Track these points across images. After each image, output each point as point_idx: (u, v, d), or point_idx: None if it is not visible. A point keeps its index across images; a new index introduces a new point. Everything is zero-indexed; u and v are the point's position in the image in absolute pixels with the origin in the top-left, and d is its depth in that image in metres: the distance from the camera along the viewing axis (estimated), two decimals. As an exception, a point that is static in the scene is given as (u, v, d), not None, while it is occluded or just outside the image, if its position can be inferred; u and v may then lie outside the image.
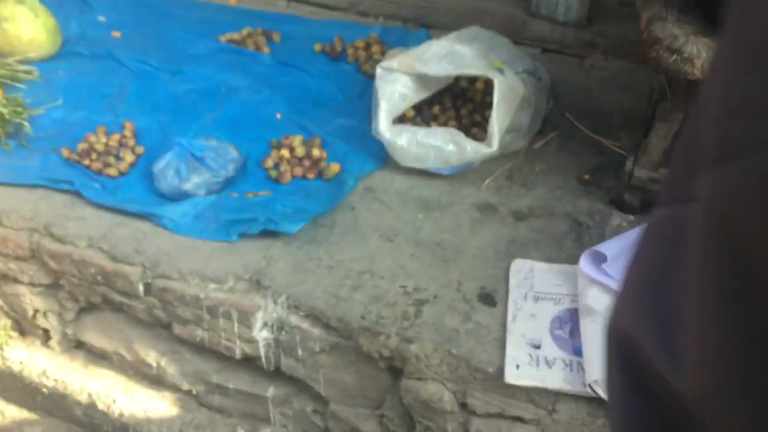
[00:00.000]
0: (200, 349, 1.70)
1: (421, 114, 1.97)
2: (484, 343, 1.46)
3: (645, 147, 1.68)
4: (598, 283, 1.50)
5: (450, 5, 2.38)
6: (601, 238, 1.70)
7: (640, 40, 2.31)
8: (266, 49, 2.29)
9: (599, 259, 1.52)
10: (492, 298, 1.55)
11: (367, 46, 2.29)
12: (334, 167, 1.82)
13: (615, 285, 1.48)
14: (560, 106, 2.10)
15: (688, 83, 1.52)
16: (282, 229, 1.63)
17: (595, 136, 2.01)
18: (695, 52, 1.39)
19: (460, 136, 1.77)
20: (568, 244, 1.69)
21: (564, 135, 2.02)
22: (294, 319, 1.55)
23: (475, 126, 1.96)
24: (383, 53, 2.24)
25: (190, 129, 1.94)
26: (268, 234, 1.65)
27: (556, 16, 2.27)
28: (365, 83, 2.15)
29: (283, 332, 1.57)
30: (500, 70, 1.79)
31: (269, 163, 1.84)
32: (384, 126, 1.79)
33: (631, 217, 1.76)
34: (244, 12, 2.50)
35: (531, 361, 1.42)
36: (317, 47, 2.31)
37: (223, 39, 2.32)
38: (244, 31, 2.35)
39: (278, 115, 2.01)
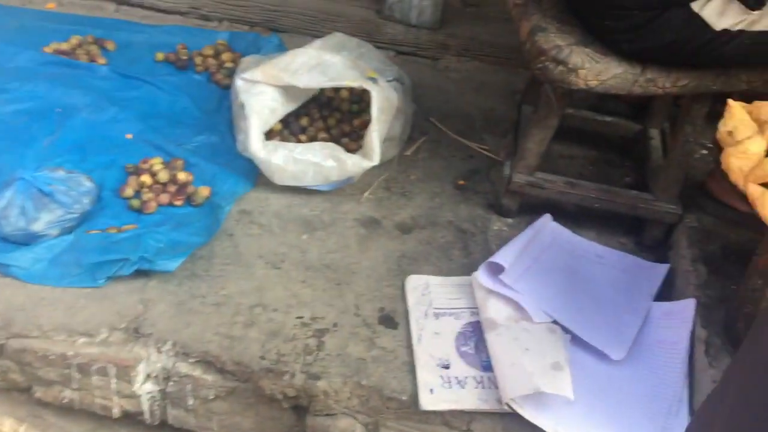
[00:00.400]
0: (68, 410, 1.49)
1: (289, 127, 1.86)
2: (393, 369, 1.40)
3: (521, 152, 1.70)
4: (496, 294, 1.49)
5: (300, 8, 2.28)
6: (486, 244, 1.71)
7: (490, 41, 2.37)
8: (102, 60, 2.06)
9: (496, 270, 1.52)
10: (392, 319, 1.50)
11: (217, 54, 2.13)
12: (204, 191, 1.67)
13: (514, 295, 1.49)
14: (423, 109, 2.08)
15: (564, 91, 1.55)
16: (159, 267, 1.46)
17: (463, 140, 2.01)
18: (579, 62, 1.42)
19: (340, 151, 1.69)
20: (456, 254, 1.67)
21: (432, 140, 2.01)
22: (183, 368, 1.40)
23: (344, 136, 1.89)
24: (234, 61, 2.09)
25: (25, 157, 1.69)
26: (139, 273, 1.48)
27: (410, 19, 2.25)
28: (221, 94, 2.00)
29: (171, 383, 1.41)
30: (374, 80, 1.73)
31: (129, 191, 1.65)
32: (257, 144, 1.67)
33: (510, 221, 1.78)
34: (68, 18, 2.23)
35: (443, 383, 1.38)
36: (160, 56, 2.11)
37: (48, 50, 2.05)
38: (73, 40, 2.10)
39: (129, 136, 1.81)
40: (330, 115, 1.93)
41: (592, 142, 2.04)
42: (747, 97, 1.52)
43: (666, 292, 1.61)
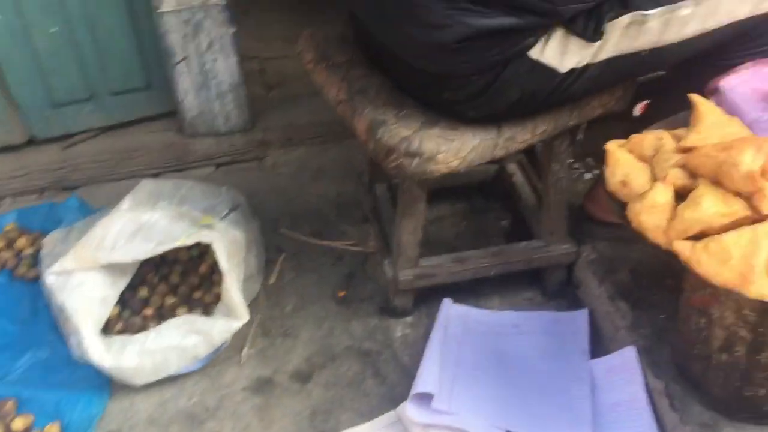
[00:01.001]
0: None
1: (128, 306, 1.56)
2: None
3: (397, 248, 1.51)
4: (436, 427, 1.29)
5: (89, 155, 1.96)
6: (396, 360, 1.51)
7: (309, 121, 2.16)
8: None
9: (424, 399, 1.32)
10: (334, 502, 1.26)
11: (9, 243, 1.77)
12: (52, 430, 1.34)
13: (455, 421, 1.29)
14: (268, 222, 1.85)
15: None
16: None
17: (324, 242, 1.80)
18: (434, 148, 1.25)
19: (199, 321, 1.42)
20: (371, 385, 1.46)
21: (291, 254, 1.78)
22: None
23: (194, 290, 1.62)
24: (34, 244, 1.76)
25: None
26: None
27: (218, 128, 2.01)
28: (32, 292, 1.65)
29: None
30: (209, 227, 1.47)
31: (-45, 472, 1.29)
32: (97, 350, 1.36)
33: (409, 319, 1.60)
34: None
35: None
36: (-61, 268, 1.73)
37: None
38: None
39: (-68, 391, 1.44)
40: (170, 271, 1.64)
41: (453, 196, 1.91)
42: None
43: (595, 341, 1.49)
